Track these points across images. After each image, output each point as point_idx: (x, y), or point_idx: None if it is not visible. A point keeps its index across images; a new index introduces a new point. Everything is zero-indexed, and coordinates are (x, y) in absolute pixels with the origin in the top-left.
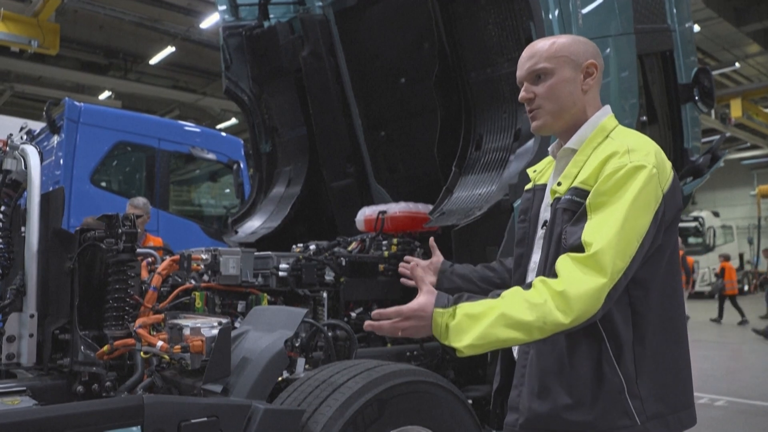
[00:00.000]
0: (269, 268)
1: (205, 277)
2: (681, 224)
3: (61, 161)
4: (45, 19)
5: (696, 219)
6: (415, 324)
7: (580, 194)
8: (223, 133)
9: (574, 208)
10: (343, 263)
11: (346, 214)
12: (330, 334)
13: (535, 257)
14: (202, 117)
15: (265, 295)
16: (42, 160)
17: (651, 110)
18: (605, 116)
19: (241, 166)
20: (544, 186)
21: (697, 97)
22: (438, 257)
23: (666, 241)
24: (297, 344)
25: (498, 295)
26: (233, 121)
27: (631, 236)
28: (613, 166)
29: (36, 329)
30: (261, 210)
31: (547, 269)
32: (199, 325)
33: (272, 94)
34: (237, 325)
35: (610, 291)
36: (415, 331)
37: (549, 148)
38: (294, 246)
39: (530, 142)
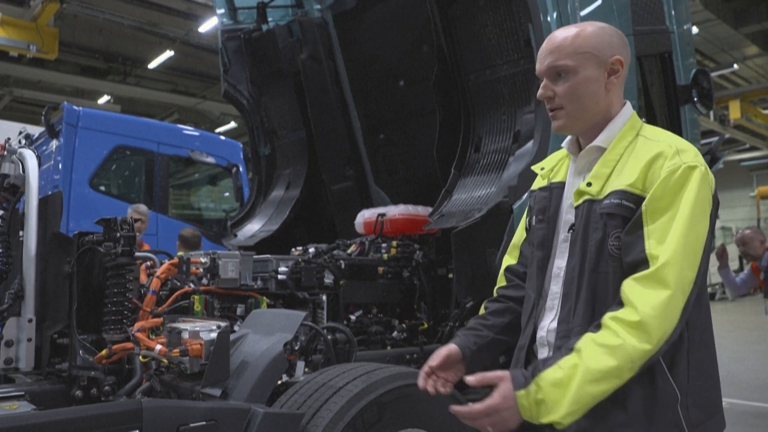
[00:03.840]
0: (268, 271)
1: (204, 281)
2: None
3: (60, 165)
4: (44, 23)
5: None
6: (503, 416)
7: (630, 199)
8: (222, 137)
9: (626, 213)
10: (343, 266)
11: (345, 216)
12: (329, 337)
13: (559, 262)
14: (202, 121)
15: (264, 298)
16: (40, 164)
17: (650, 112)
18: (630, 113)
19: (240, 169)
20: (562, 184)
21: (695, 99)
22: (449, 348)
23: (710, 243)
24: (296, 347)
25: (570, 349)
26: (232, 124)
27: (696, 243)
28: (668, 169)
29: (34, 333)
30: (260, 213)
31: (585, 277)
32: (197, 328)
33: (271, 97)
34: (236, 328)
35: (685, 305)
36: (504, 424)
37: (564, 143)
38: (293, 249)
39: (529, 144)
